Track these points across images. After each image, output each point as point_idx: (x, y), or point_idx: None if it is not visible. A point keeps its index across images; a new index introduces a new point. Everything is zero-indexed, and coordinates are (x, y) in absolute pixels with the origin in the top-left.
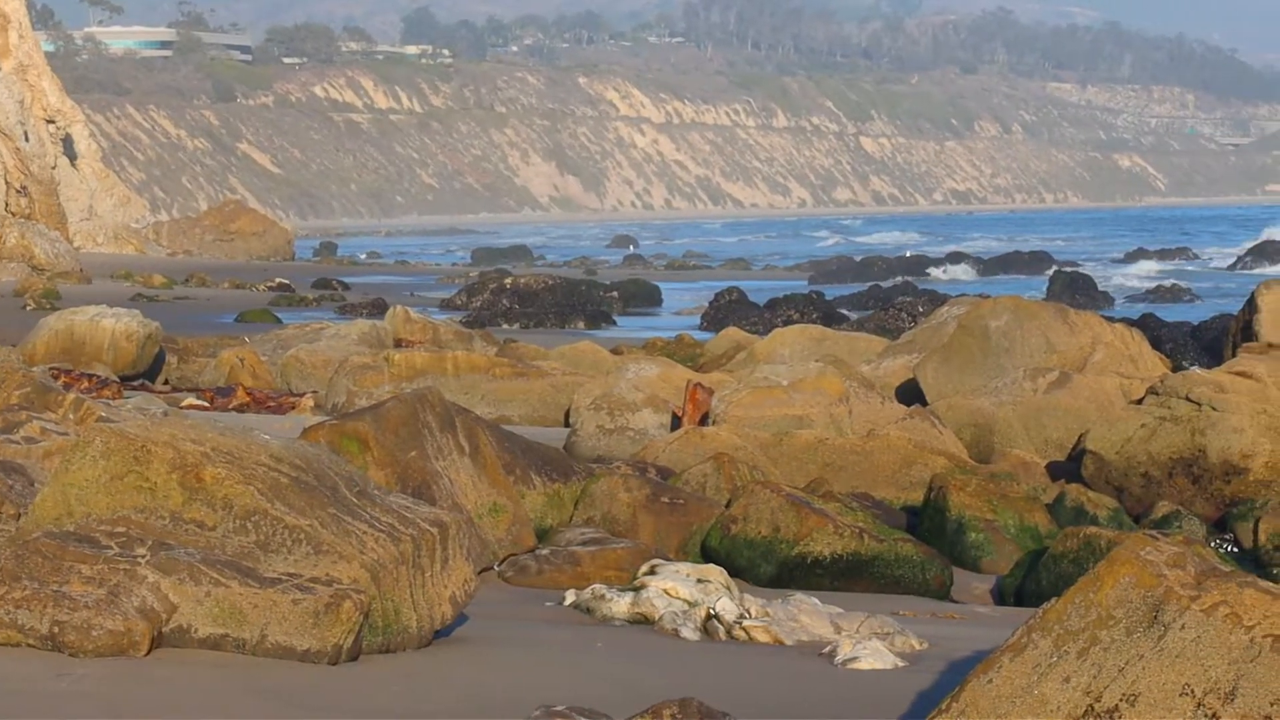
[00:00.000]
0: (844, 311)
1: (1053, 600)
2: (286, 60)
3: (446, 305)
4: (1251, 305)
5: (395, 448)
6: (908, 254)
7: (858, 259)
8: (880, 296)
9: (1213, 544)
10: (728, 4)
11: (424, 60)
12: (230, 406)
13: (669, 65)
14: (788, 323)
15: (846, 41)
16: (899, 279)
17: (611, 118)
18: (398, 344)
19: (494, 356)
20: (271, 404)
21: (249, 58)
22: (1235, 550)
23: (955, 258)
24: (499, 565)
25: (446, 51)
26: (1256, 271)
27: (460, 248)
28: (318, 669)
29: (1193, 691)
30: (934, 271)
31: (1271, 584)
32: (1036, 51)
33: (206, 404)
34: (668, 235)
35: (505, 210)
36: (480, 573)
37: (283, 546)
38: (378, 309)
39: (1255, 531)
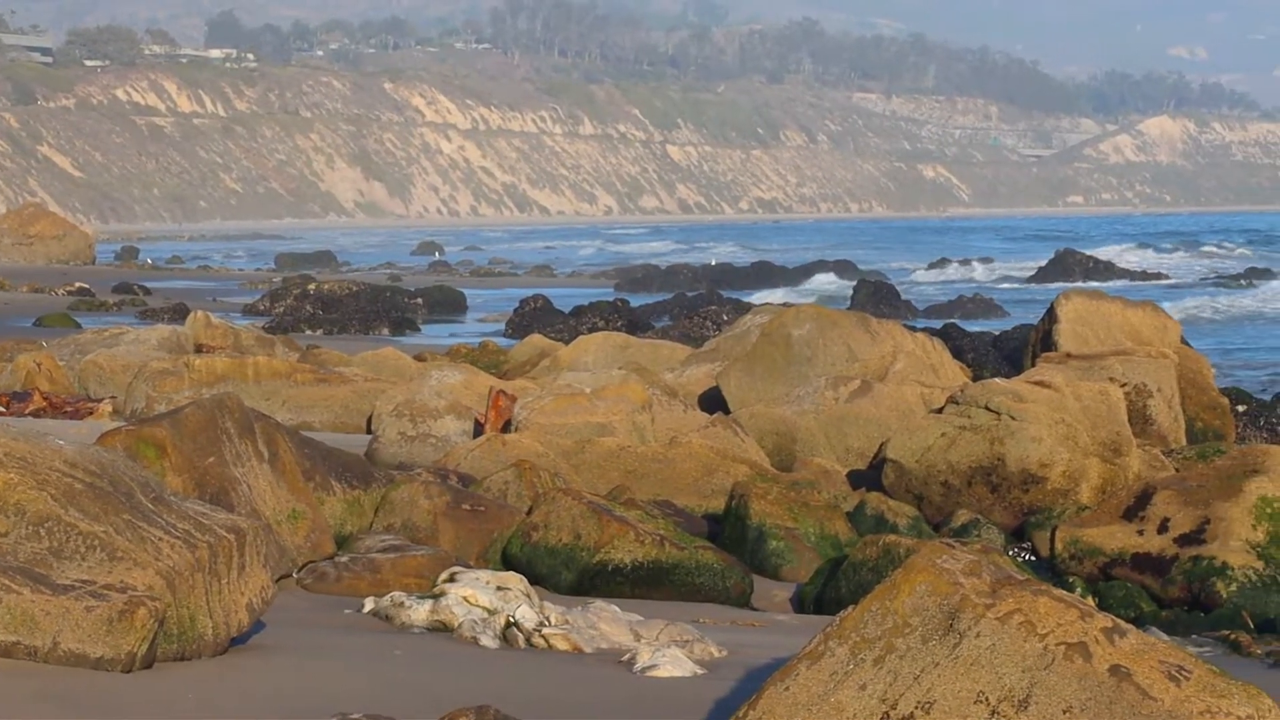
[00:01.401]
0: (671, 319)
1: (850, 608)
2: (88, 63)
3: (249, 311)
4: (1051, 315)
5: (193, 454)
6: (713, 263)
7: (663, 267)
8: (685, 305)
9: (1010, 552)
10: (534, 11)
11: (228, 64)
12: (26, 412)
13: (476, 72)
14: (593, 330)
15: (653, 50)
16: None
17: (418, 124)
18: (198, 349)
19: (296, 362)
20: (69, 409)
21: (50, 60)
22: (1032, 559)
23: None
24: (298, 572)
25: (251, 55)
26: (1055, 284)
27: (264, 253)
28: (111, 677)
29: (987, 699)
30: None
31: (1065, 592)
32: (842, 62)
33: (2, 409)
34: (474, 242)
35: (310, 216)
36: (278, 580)
37: (76, 553)
38: (179, 314)
39: (1052, 540)
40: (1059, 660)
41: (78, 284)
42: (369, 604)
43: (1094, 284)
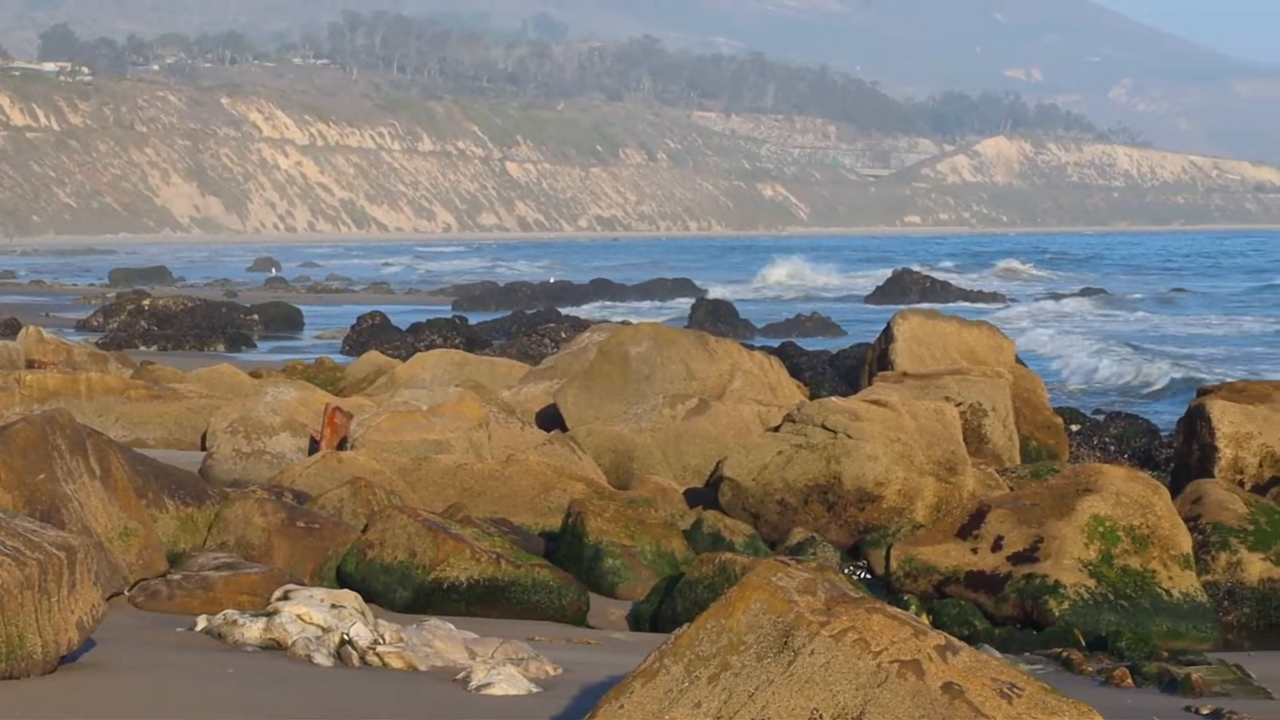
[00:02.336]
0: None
1: (685, 626)
2: None
3: (82, 326)
4: (887, 334)
5: (23, 470)
6: (551, 280)
7: (501, 285)
8: (524, 322)
9: (846, 570)
10: (373, 27)
11: (62, 78)
12: None
13: (313, 87)
14: (430, 347)
15: (493, 66)
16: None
17: (255, 139)
18: (30, 365)
19: (130, 379)
20: None
21: None
22: (868, 577)
23: (598, 285)
24: (130, 590)
25: (86, 69)
26: (889, 305)
27: (98, 268)
28: None
29: (821, 717)
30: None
31: (899, 610)
32: (682, 80)
33: None
34: (311, 258)
35: (145, 231)
36: (110, 598)
37: None
38: (10, 329)
39: (887, 558)
40: (892, 678)
41: None
42: (201, 622)
43: (931, 304)
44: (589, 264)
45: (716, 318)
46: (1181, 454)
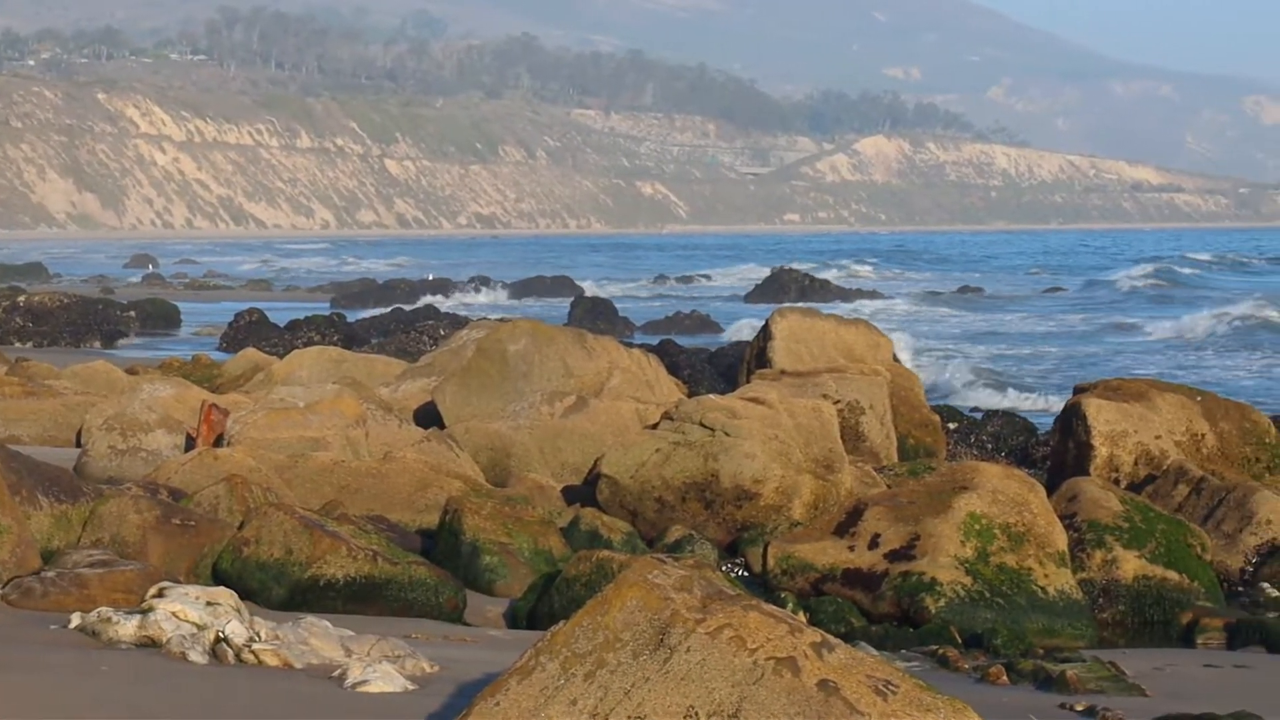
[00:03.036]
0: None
1: (561, 623)
2: None
3: None
4: (766, 332)
5: None
6: (430, 277)
7: (380, 282)
8: (403, 319)
9: (724, 568)
10: (251, 23)
11: None
12: None
13: (191, 83)
14: (308, 344)
15: (371, 63)
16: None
17: (132, 135)
18: None
19: (3, 375)
20: None
21: None
22: (746, 574)
23: (482, 281)
24: (2, 588)
25: None
26: (771, 302)
27: None
28: None
29: (697, 714)
30: (461, 296)
31: (776, 608)
32: (561, 78)
33: None
34: (189, 255)
35: (20, 227)
36: None
37: None
38: None
39: (764, 556)
40: (768, 675)
41: None
42: (75, 619)
43: (809, 302)
44: (469, 261)
45: (595, 315)
46: (1058, 452)
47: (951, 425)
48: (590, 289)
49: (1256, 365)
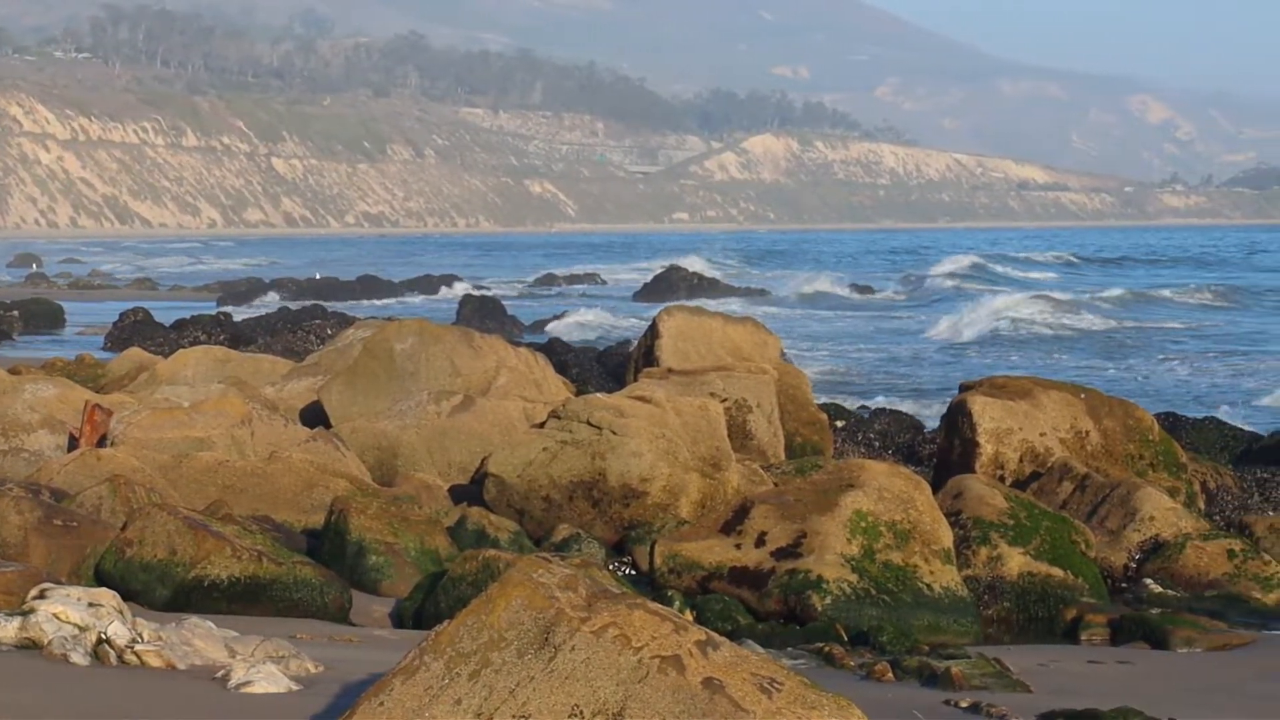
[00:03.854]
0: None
1: (446, 622)
2: None
3: None
4: (653, 331)
5: None
6: (317, 276)
7: (267, 281)
8: (289, 319)
9: (611, 567)
10: (136, 21)
11: None
12: None
13: (75, 81)
14: (194, 344)
15: (258, 61)
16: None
17: (14, 133)
18: None
19: None
20: None
21: None
22: (633, 573)
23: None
24: None
25: None
26: (657, 302)
27: None
28: None
29: (582, 712)
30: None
31: (661, 606)
32: (449, 76)
33: None
34: (73, 254)
35: None
36: None
37: None
38: None
39: (651, 554)
40: (653, 673)
41: None
42: None
43: (698, 300)
44: (357, 260)
45: (484, 314)
46: (943, 450)
47: (839, 423)
48: (478, 288)
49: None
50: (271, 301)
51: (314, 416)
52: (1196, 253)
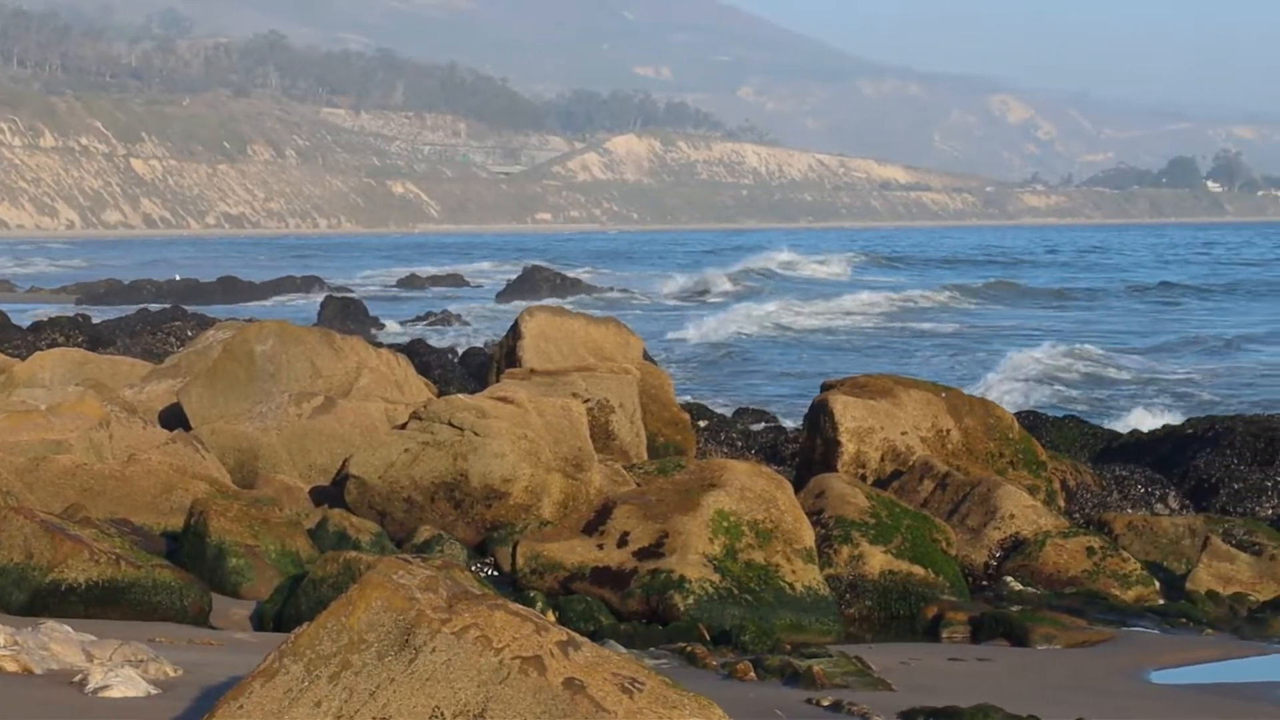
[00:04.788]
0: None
1: (306, 625)
2: None
3: None
4: (515, 331)
5: None
6: (177, 277)
7: (126, 283)
8: (149, 320)
9: (473, 568)
10: None
11: None
12: None
13: None
14: (52, 346)
15: (116, 61)
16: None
17: None
18: None
19: None
20: None
21: None
22: (496, 574)
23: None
24: None
25: None
26: (522, 300)
27: None
28: None
29: (443, 714)
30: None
31: (522, 607)
32: (310, 77)
33: None
34: None
35: None
36: None
37: None
38: None
39: (514, 555)
40: (514, 674)
41: None
42: None
43: (560, 300)
44: (218, 261)
45: (346, 315)
46: (806, 449)
47: (702, 423)
48: (340, 289)
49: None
50: (131, 303)
51: (173, 419)
52: (1034, 252)
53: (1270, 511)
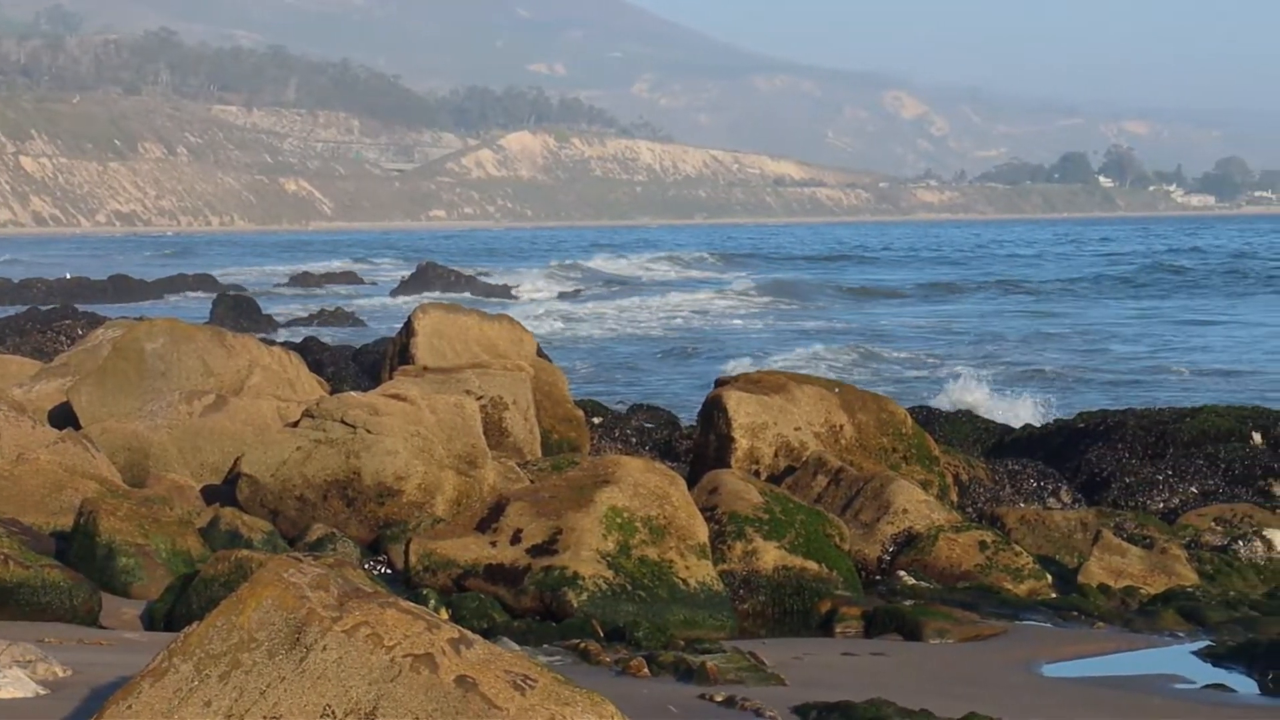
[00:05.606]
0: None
1: (195, 624)
2: None
3: None
4: (408, 329)
5: None
6: (67, 276)
7: (15, 282)
8: (39, 319)
9: (366, 566)
10: None
11: None
12: None
13: None
14: None
15: (5, 58)
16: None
17: None
18: None
19: None
20: None
21: None
22: (389, 572)
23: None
24: None
25: None
26: (414, 296)
27: None
28: None
29: (334, 712)
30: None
31: (414, 605)
32: (201, 74)
33: None
34: None
35: None
36: None
37: None
38: None
39: (406, 553)
40: (405, 672)
41: None
42: None
43: (456, 297)
44: (109, 259)
45: (239, 313)
46: (700, 445)
47: (596, 419)
48: (233, 287)
49: None
50: (20, 303)
51: (63, 418)
52: (896, 248)
53: (1161, 505)
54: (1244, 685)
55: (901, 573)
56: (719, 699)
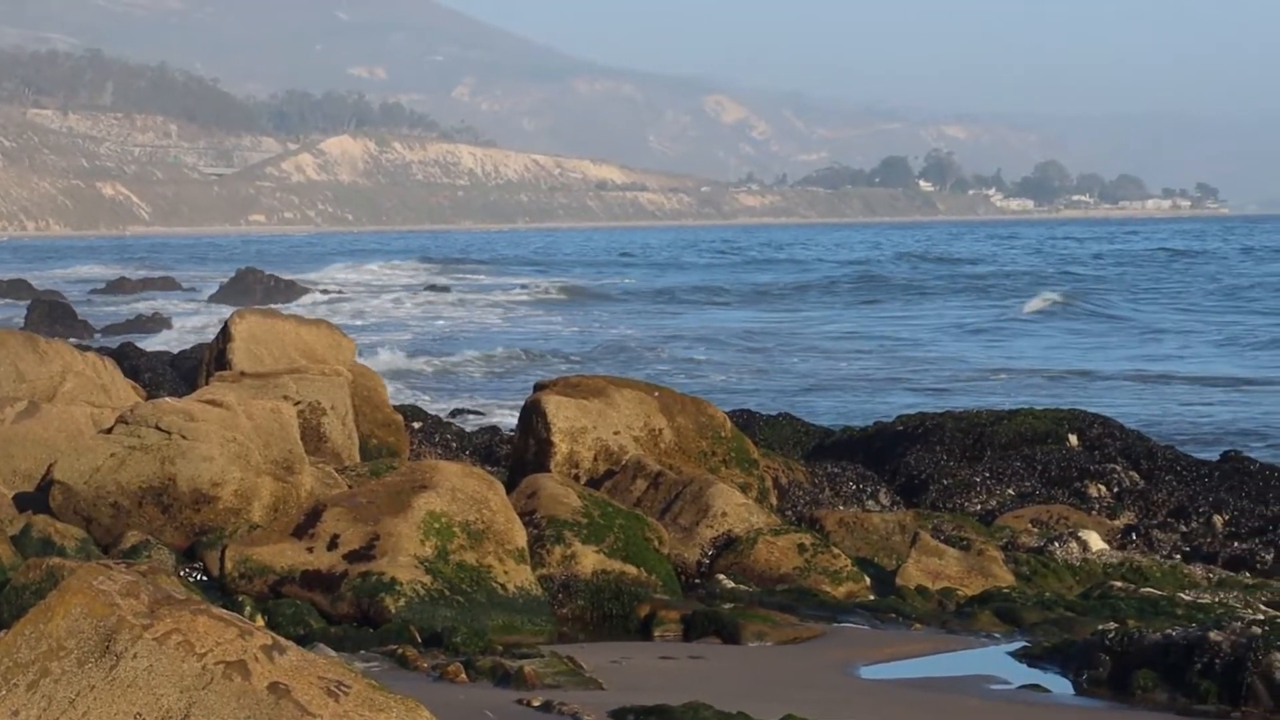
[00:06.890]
0: None
1: (3, 632)
2: None
3: None
4: (225, 334)
5: None
6: None
7: None
8: None
9: (182, 573)
10: None
11: None
12: None
13: None
14: None
15: None
16: None
17: None
18: None
19: None
20: None
21: None
22: (205, 579)
23: None
24: None
25: None
26: (233, 304)
27: None
28: None
29: None
30: None
31: (227, 611)
32: (15, 77)
33: None
34: None
35: None
36: None
37: None
38: None
39: (222, 559)
40: (218, 679)
41: None
42: None
43: (275, 303)
44: None
45: (54, 319)
46: (519, 449)
47: (416, 424)
48: (48, 292)
49: None
50: None
51: None
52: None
53: (979, 507)
54: (1059, 685)
55: (721, 576)
56: (536, 704)
